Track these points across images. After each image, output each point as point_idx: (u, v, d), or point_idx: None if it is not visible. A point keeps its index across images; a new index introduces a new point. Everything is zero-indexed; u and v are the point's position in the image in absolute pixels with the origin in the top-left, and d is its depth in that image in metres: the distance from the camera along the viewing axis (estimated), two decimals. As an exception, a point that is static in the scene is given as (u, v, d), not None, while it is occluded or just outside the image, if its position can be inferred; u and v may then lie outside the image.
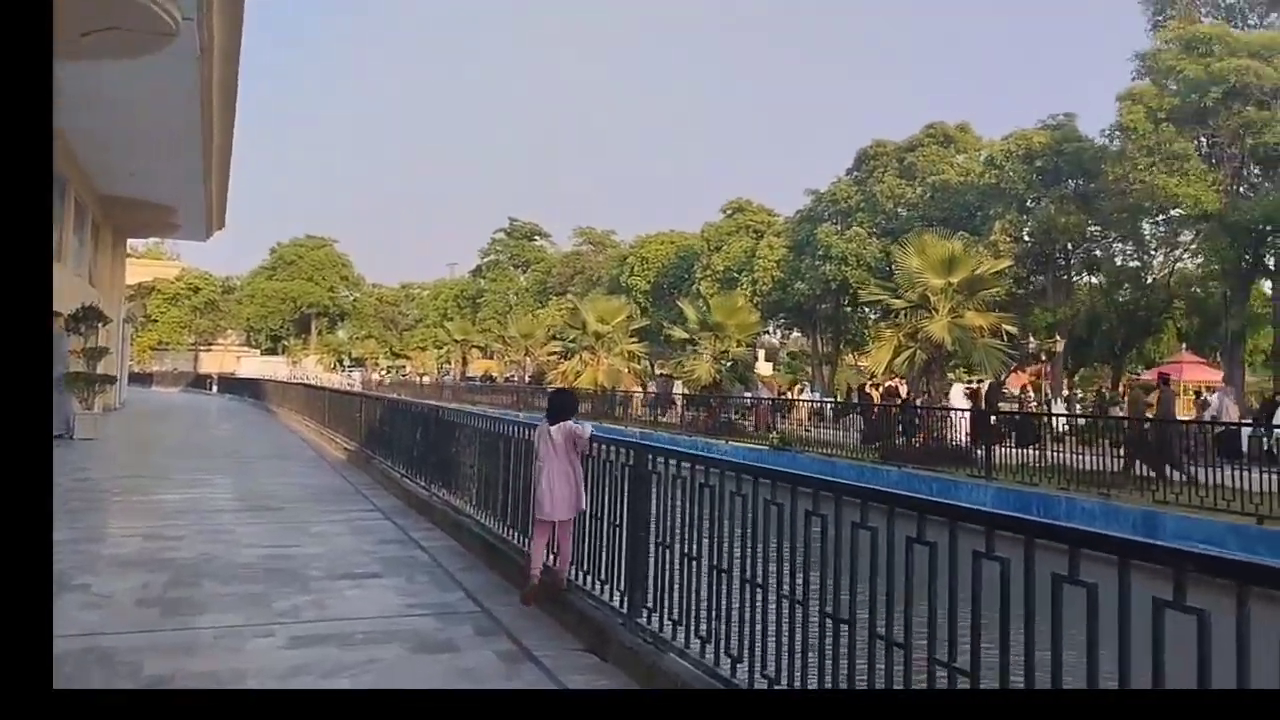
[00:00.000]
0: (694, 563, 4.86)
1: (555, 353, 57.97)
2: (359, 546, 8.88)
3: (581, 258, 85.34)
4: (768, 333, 64.09)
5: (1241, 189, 29.41)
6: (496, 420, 8.60)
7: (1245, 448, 15.37)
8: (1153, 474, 14.13)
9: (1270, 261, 28.99)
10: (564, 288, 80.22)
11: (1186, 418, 19.98)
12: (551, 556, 6.58)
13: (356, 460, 16.39)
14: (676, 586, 5.03)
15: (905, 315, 21.18)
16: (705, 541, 4.79)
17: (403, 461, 13.03)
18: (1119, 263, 36.54)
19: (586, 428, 6.37)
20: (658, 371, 55.59)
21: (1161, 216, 34.67)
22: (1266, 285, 34.97)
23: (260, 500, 11.87)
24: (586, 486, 6.35)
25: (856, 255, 42.15)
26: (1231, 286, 30.02)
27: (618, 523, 5.88)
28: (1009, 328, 21.35)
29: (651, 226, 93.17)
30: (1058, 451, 16.04)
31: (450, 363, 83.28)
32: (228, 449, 19.81)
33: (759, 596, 4.23)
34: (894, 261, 40.69)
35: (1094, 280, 40.17)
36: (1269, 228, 27.28)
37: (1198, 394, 34.23)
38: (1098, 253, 37.79)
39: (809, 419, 22.56)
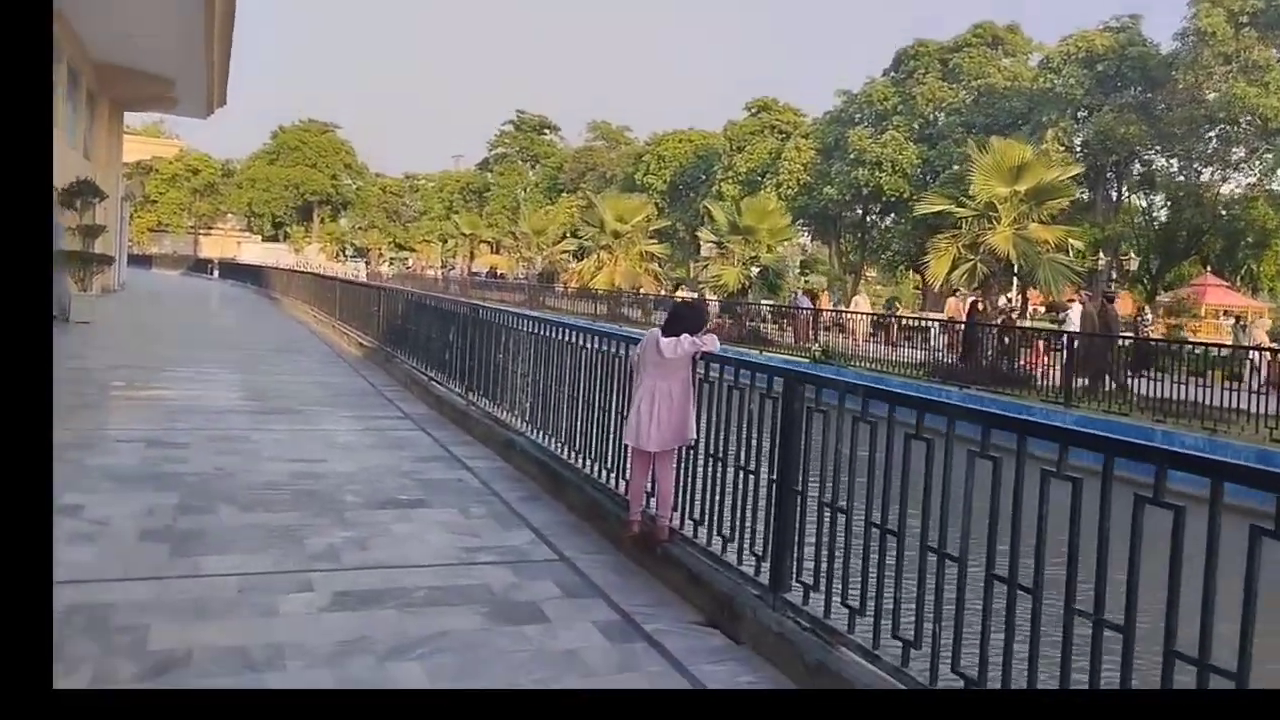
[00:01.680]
0: (888, 538, 3.63)
1: (568, 251, 56.38)
2: (396, 465, 7.70)
3: (594, 154, 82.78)
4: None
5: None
6: (563, 326, 7.31)
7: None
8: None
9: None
10: (575, 185, 78.08)
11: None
12: (646, 498, 5.38)
13: (375, 358, 15.18)
14: (858, 564, 3.81)
15: (966, 225, 19.67)
16: (908, 512, 3.56)
17: (431, 364, 11.81)
18: (1175, 178, 34.70)
19: (713, 341, 5.09)
20: (670, 275, 54.14)
21: (1217, 130, 32.64)
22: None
23: (276, 400, 10.68)
24: (703, 417, 5.11)
25: (891, 160, 40.21)
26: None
27: (751, 469, 4.64)
28: (1076, 242, 19.86)
29: (668, 124, 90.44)
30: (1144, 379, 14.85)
31: (456, 257, 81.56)
32: (235, 339, 18.60)
33: (1011, 597, 3.01)
34: (937, 168, 39.08)
35: (1135, 198, 38.39)
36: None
37: (1237, 319, 32.91)
38: (1140, 167, 35.93)
39: (860, 333, 21.21)
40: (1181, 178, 36.28)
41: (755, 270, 30.27)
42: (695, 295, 36.00)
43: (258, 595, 4.48)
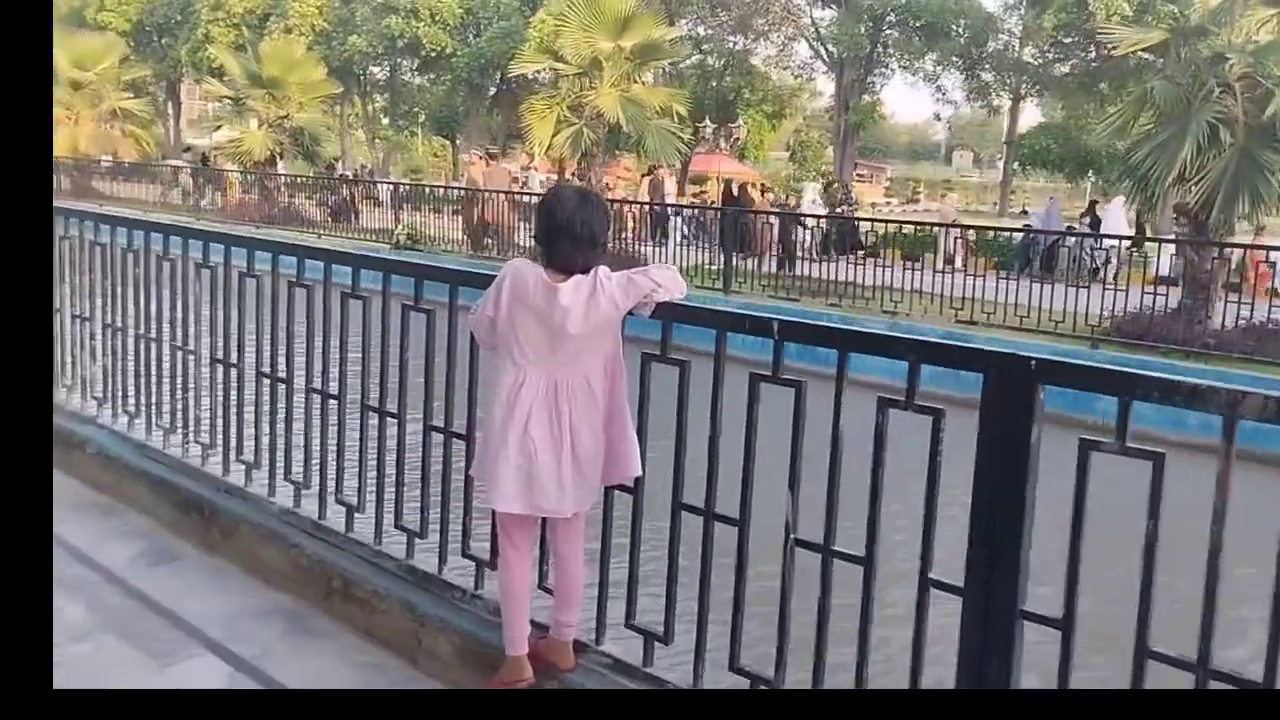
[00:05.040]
0: None
1: (-3, 108, 45.56)
2: None
3: (21, -22, 67.56)
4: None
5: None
6: (202, 236, 4.21)
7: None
8: None
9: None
10: (-6, 19, 63.35)
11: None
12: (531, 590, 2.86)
13: None
14: None
15: (566, 85, 18.04)
16: None
17: None
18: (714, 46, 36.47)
19: (676, 281, 2.62)
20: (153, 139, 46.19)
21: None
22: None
23: None
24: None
25: (430, 8, 37.23)
26: (851, 78, 31.05)
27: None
28: (679, 107, 19.19)
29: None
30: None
31: None
32: None
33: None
34: (482, 20, 36.85)
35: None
36: (893, 13, 28.13)
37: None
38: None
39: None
40: (715, 45, 38.33)
41: (286, 134, 26.07)
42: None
43: None
